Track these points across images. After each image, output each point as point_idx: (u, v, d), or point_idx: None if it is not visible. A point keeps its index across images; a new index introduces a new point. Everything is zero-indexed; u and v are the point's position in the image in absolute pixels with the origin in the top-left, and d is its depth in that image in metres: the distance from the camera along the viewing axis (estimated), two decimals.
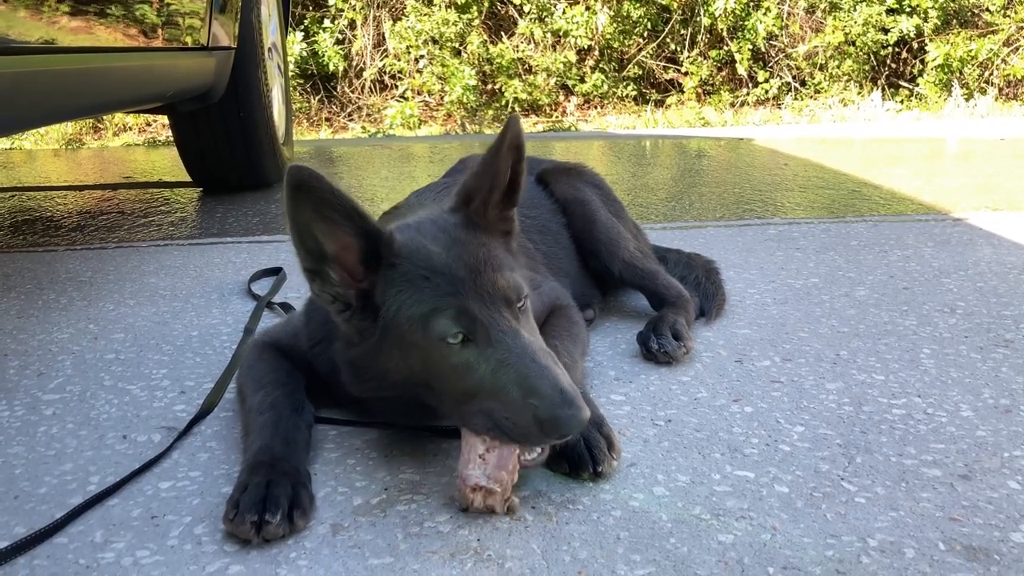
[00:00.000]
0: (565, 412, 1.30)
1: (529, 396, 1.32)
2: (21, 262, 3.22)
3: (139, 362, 2.13)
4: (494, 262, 1.45)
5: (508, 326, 1.39)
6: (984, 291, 2.55)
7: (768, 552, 1.27)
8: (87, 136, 9.06)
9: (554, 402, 1.30)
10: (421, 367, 1.44)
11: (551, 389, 1.31)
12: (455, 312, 1.38)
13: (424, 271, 1.41)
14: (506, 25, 10.64)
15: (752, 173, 5.33)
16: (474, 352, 1.38)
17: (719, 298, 2.41)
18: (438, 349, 1.39)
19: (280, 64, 5.37)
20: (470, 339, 1.38)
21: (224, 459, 1.60)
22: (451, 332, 1.37)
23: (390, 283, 1.43)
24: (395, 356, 1.45)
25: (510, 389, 1.34)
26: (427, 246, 1.45)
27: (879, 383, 1.89)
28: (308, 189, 1.37)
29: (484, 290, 1.40)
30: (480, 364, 1.37)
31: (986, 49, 9.88)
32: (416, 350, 1.42)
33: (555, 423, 1.30)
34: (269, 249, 3.38)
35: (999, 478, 1.47)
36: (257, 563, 1.27)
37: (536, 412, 1.31)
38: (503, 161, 1.51)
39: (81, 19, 2.79)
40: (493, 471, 1.35)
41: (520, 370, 1.34)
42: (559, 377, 1.34)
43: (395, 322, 1.42)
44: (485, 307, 1.39)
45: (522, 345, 1.37)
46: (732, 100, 10.31)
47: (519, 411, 1.33)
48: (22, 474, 1.56)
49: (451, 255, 1.43)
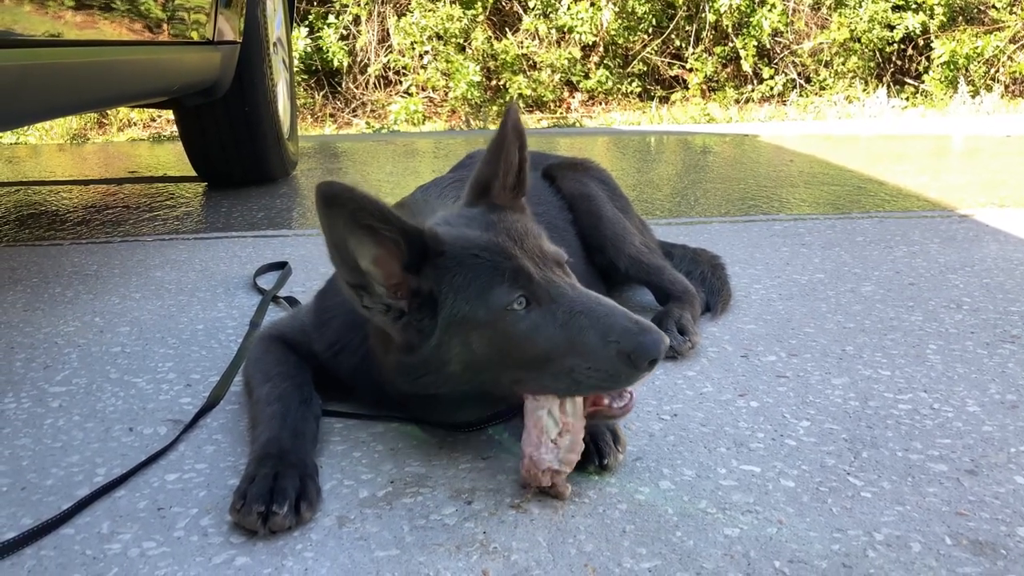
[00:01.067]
0: (649, 338, 1.32)
1: (608, 335, 1.34)
2: (27, 256, 3.23)
3: (145, 355, 2.13)
4: (533, 231, 1.49)
5: (564, 282, 1.42)
6: (990, 287, 2.54)
7: (774, 546, 1.27)
8: (92, 131, 9.07)
9: (634, 332, 1.33)
10: (487, 347, 1.41)
11: (626, 322, 1.34)
12: (512, 276, 1.39)
13: (472, 251, 1.42)
14: (510, 21, 10.62)
15: (757, 169, 5.32)
16: (539, 314, 1.39)
17: (725, 293, 2.40)
18: (503, 320, 1.39)
19: (285, 59, 5.37)
20: (531, 302, 1.39)
21: (230, 451, 1.60)
22: (513, 298, 1.38)
23: (442, 272, 1.42)
24: (456, 346, 1.42)
25: (587, 336, 1.35)
26: (468, 232, 1.46)
27: (885, 378, 1.88)
28: (341, 203, 1.33)
29: (533, 254, 1.43)
30: (548, 323, 1.38)
31: (992, 46, 9.84)
32: (481, 330, 1.40)
33: (643, 350, 1.32)
34: (274, 243, 3.38)
35: (1006, 473, 1.46)
36: (263, 555, 1.27)
37: (620, 348, 1.32)
38: (511, 144, 1.54)
39: (88, 13, 2.79)
40: (565, 455, 1.37)
41: (590, 316, 1.37)
42: (627, 313, 1.37)
43: (456, 308, 1.41)
44: (538, 268, 1.41)
45: (583, 295, 1.40)
46: (737, 97, 10.28)
47: (602, 355, 1.34)
48: (29, 466, 1.56)
49: (492, 232, 1.45)
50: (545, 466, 1.36)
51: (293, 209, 4.21)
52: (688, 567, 1.22)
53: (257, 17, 4.50)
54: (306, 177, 5.33)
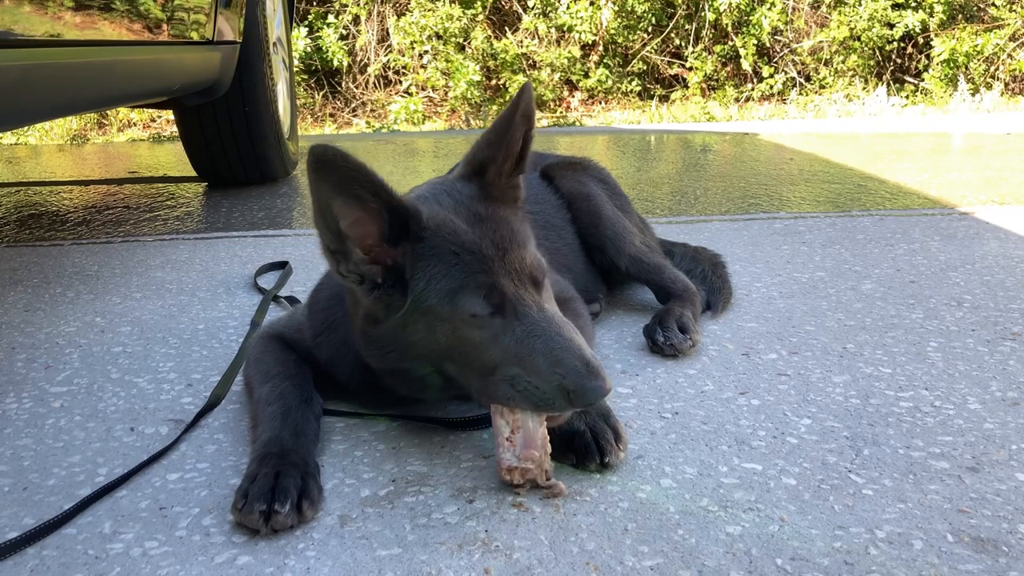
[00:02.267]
0: (591, 383, 1.33)
1: (556, 367, 1.35)
2: (27, 256, 3.23)
3: (146, 355, 2.13)
4: (519, 239, 1.47)
5: (534, 301, 1.42)
6: (991, 284, 2.54)
7: (776, 543, 1.27)
8: (92, 132, 9.07)
9: (580, 373, 1.34)
10: (447, 340, 1.44)
11: (577, 360, 1.35)
12: (486, 290, 1.40)
13: (453, 247, 1.42)
14: (510, 20, 10.63)
15: (757, 167, 5.32)
16: (501, 325, 1.40)
17: (725, 292, 2.40)
18: (465, 323, 1.41)
19: (285, 58, 5.37)
20: (497, 313, 1.40)
21: (231, 451, 1.60)
22: (479, 307, 1.40)
23: (419, 257, 1.43)
24: (421, 330, 1.46)
25: (537, 359, 1.37)
26: (453, 221, 1.45)
27: (886, 376, 1.88)
28: (332, 168, 1.36)
29: (512, 267, 1.43)
30: (506, 336, 1.39)
31: (992, 44, 9.84)
32: (443, 324, 1.43)
33: (581, 392, 1.33)
34: (275, 243, 3.38)
35: (1007, 470, 1.47)
36: (265, 554, 1.27)
37: (562, 382, 1.34)
38: (517, 129, 1.51)
39: (88, 13, 2.79)
40: (522, 451, 1.38)
41: (547, 342, 1.37)
42: (583, 349, 1.37)
43: (424, 296, 1.43)
44: (513, 284, 1.41)
45: (548, 319, 1.40)
46: (737, 95, 10.28)
47: (545, 380, 1.35)
48: (31, 466, 1.56)
49: (478, 232, 1.44)
50: (505, 465, 1.38)
51: (293, 209, 4.21)
52: (690, 565, 1.22)
53: (257, 17, 4.50)
54: (306, 177, 5.31)
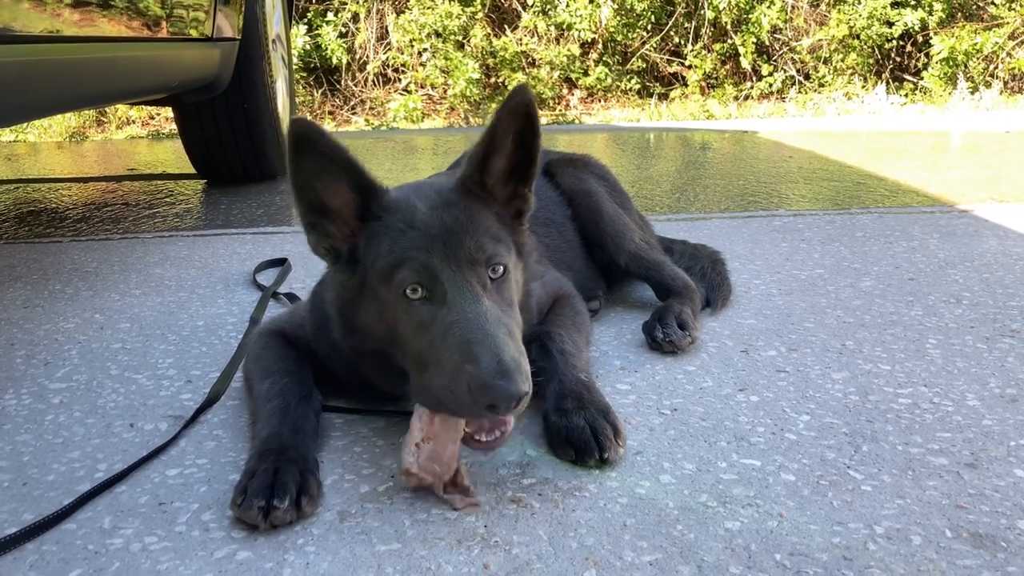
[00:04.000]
0: (496, 381, 1.24)
1: (467, 361, 1.28)
2: (26, 253, 3.23)
3: (145, 351, 2.13)
4: (474, 226, 1.43)
5: (469, 290, 1.37)
6: (990, 282, 2.54)
7: (775, 539, 1.27)
8: (91, 129, 9.06)
9: (488, 369, 1.25)
10: (388, 325, 1.44)
11: (489, 356, 1.27)
12: (418, 264, 1.38)
13: (403, 225, 1.42)
14: (509, 18, 10.62)
15: (757, 165, 5.32)
16: (430, 311, 1.38)
17: (725, 289, 2.41)
18: (400, 303, 1.40)
19: (284, 56, 5.36)
20: (428, 297, 1.38)
21: (231, 447, 1.60)
22: (410, 283, 1.37)
23: (372, 235, 1.44)
24: (371, 311, 1.46)
25: (451, 353, 1.31)
26: (414, 203, 1.45)
27: (885, 373, 1.89)
28: (310, 142, 1.39)
29: (453, 250, 1.39)
30: (433, 325, 1.36)
31: (991, 42, 9.84)
32: (384, 304, 1.43)
33: (484, 390, 1.25)
34: (274, 240, 3.38)
35: (1005, 466, 1.47)
36: (265, 549, 1.27)
37: (469, 378, 1.27)
38: (503, 125, 1.47)
39: (87, 10, 2.79)
40: (425, 462, 1.36)
41: (464, 334, 1.31)
42: (502, 346, 1.29)
43: (368, 272, 1.44)
44: (449, 267, 1.38)
45: (476, 311, 1.34)
46: (736, 94, 10.28)
47: (456, 377, 1.29)
48: (30, 461, 1.56)
49: (433, 214, 1.43)
50: (404, 466, 1.37)
51: (292, 206, 4.19)
52: (689, 560, 1.23)
53: (256, 14, 4.49)
54: None
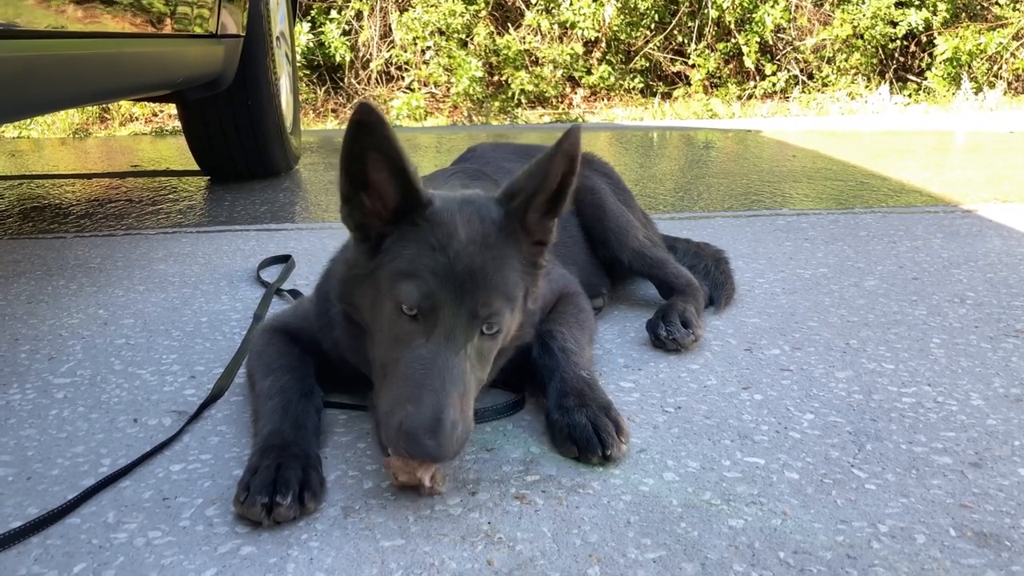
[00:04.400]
0: (423, 437, 1.26)
1: (411, 401, 1.29)
2: (30, 248, 3.23)
3: (149, 347, 2.13)
4: (495, 280, 1.41)
5: (454, 338, 1.36)
6: (994, 282, 2.54)
7: (779, 537, 1.27)
8: (94, 126, 9.07)
9: (422, 422, 1.26)
10: (375, 316, 1.45)
11: (431, 410, 1.27)
12: (426, 290, 1.37)
13: (436, 244, 1.40)
14: (513, 16, 10.62)
15: (760, 164, 5.31)
16: (411, 332, 1.37)
17: (728, 287, 2.40)
18: (392, 307, 1.40)
19: (288, 53, 5.37)
20: (416, 319, 1.38)
21: (235, 442, 1.60)
22: (410, 300, 1.37)
23: (404, 236, 1.44)
24: (368, 295, 1.47)
25: (404, 384, 1.32)
26: (455, 228, 1.42)
27: (889, 372, 1.88)
28: (370, 130, 1.38)
29: (464, 297, 1.37)
30: (407, 346, 1.36)
31: (995, 43, 9.84)
32: (380, 297, 1.43)
33: (409, 438, 1.26)
34: (278, 237, 3.38)
35: (1010, 466, 1.47)
36: (268, 544, 1.27)
37: (404, 418, 1.28)
38: (556, 166, 1.45)
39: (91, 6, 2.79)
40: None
41: (423, 376, 1.32)
42: (447, 407, 1.29)
43: (384, 265, 1.44)
44: (452, 309, 1.36)
45: (447, 360, 1.34)
46: (739, 93, 10.28)
47: (394, 409, 1.31)
48: (34, 456, 1.56)
49: (468, 249, 1.40)
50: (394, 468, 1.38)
51: (296, 203, 4.21)
52: (693, 558, 1.23)
53: (260, 11, 4.50)
54: (309, 171, 5.33)
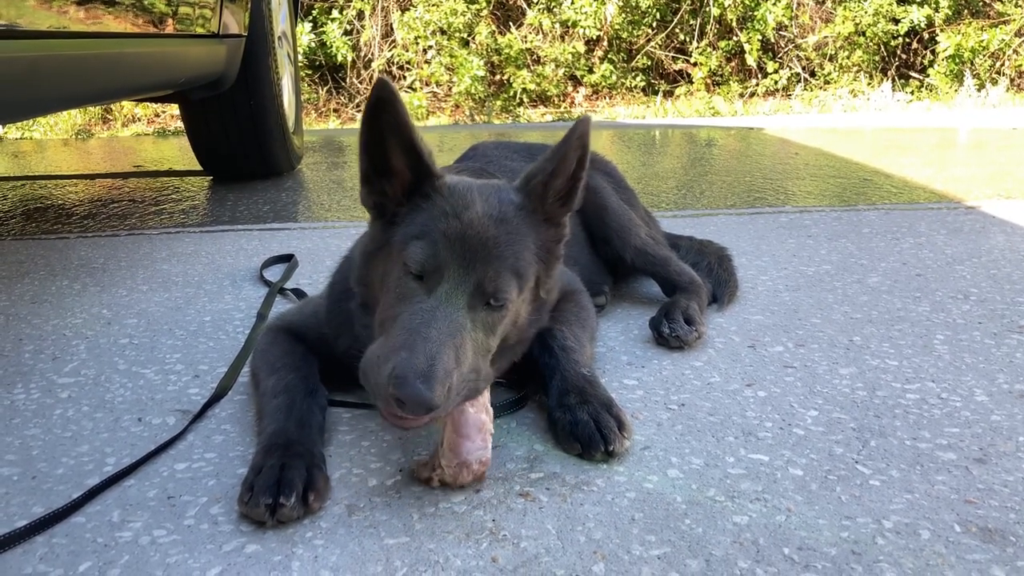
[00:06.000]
0: (414, 380, 1.21)
1: (404, 348, 1.26)
2: (34, 249, 3.24)
3: (153, 346, 2.14)
4: (507, 255, 1.42)
5: (457, 299, 1.36)
6: (998, 278, 2.53)
7: (783, 533, 1.27)
8: (96, 126, 9.08)
9: (415, 366, 1.23)
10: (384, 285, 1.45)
11: (424, 357, 1.25)
12: (434, 250, 1.38)
13: (450, 211, 1.42)
14: (514, 15, 10.62)
15: (763, 162, 5.31)
16: (414, 290, 1.37)
17: (731, 285, 2.40)
18: (398, 268, 1.41)
19: (290, 53, 5.37)
20: (421, 278, 1.38)
21: (239, 441, 1.60)
22: (417, 259, 1.38)
23: (416, 208, 1.46)
24: (379, 270, 1.48)
25: (402, 333, 1.30)
26: (472, 199, 1.45)
27: (893, 368, 1.88)
28: (385, 107, 1.42)
29: (472, 267, 1.38)
30: (408, 302, 1.36)
31: (998, 39, 9.82)
32: (389, 265, 1.44)
33: (400, 382, 1.22)
34: (280, 236, 3.38)
35: (1015, 461, 1.46)
36: (273, 542, 1.27)
37: (396, 363, 1.24)
38: (571, 150, 1.49)
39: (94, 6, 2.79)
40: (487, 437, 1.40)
41: (421, 326, 1.30)
42: (442, 357, 1.26)
43: (396, 233, 1.46)
44: (458, 273, 1.37)
45: (448, 316, 1.33)
46: (741, 91, 10.27)
47: (388, 356, 1.27)
48: (39, 455, 1.57)
49: (483, 221, 1.42)
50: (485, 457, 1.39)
51: (299, 202, 4.21)
52: (697, 554, 1.23)
53: (262, 11, 4.50)
54: (311, 171, 5.33)
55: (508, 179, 1.75)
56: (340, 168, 5.53)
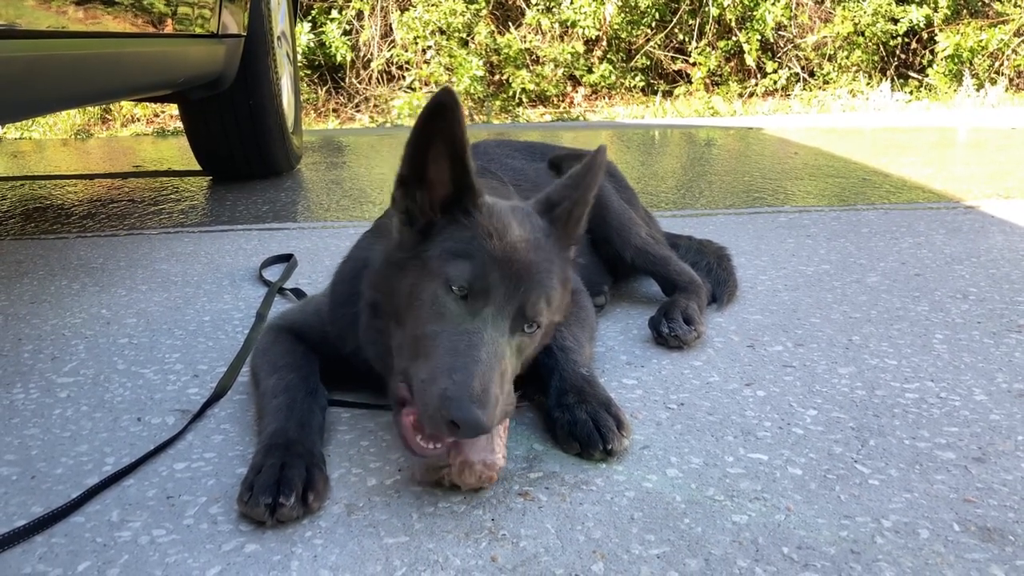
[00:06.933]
0: (469, 405, 1.22)
1: (455, 371, 1.26)
2: (33, 249, 3.24)
3: (152, 346, 2.13)
4: (547, 283, 1.43)
5: (501, 324, 1.36)
6: (996, 277, 2.54)
7: (782, 532, 1.27)
8: (95, 126, 9.08)
9: (471, 390, 1.23)
10: (414, 298, 1.40)
11: (479, 382, 1.25)
12: (481, 273, 1.36)
13: (493, 232, 1.40)
14: (513, 15, 10.61)
15: (762, 162, 5.31)
16: (459, 309, 1.35)
17: (731, 284, 2.40)
18: (438, 286, 1.37)
19: (289, 52, 5.37)
20: (465, 300, 1.36)
21: (238, 441, 1.60)
22: (462, 280, 1.36)
23: (455, 222, 1.43)
24: (406, 280, 1.43)
25: (450, 356, 1.29)
26: (510, 220, 1.44)
27: (892, 368, 1.88)
28: (444, 114, 1.40)
29: (517, 291, 1.38)
30: (453, 322, 1.34)
31: (997, 39, 9.82)
32: (422, 279, 1.40)
33: (457, 405, 1.22)
34: (280, 236, 3.38)
35: (1013, 461, 1.46)
36: (273, 542, 1.27)
37: (449, 387, 1.24)
38: (593, 178, 1.50)
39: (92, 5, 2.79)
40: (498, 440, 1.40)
41: (472, 350, 1.30)
42: (494, 383, 1.28)
43: (431, 247, 1.42)
44: (504, 297, 1.37)
45: (495, 341, 1.33)
46: (740, 91, 10.27)
47: (436, 380, 1.26)
48: (38, 455, 1.57)
49: (525, 246, 1.41)
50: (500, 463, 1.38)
51: (298, 202, 4.21)
52: (696, 554, 1.23)
53: (261, 11, 4.50)
54: (310, 171, 5.33)
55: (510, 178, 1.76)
56: (339, 168, 5.53)
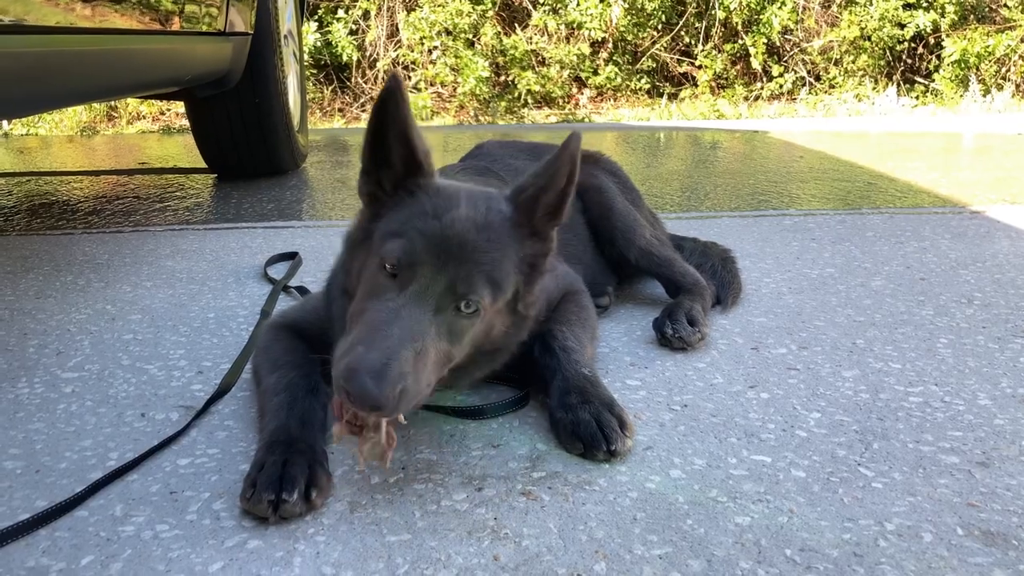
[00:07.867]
0: (364, 376, 1.21)
1: (361, 343, 1.27)
2: (39, 245, 3.24)
3: (156, 343, 2.14)
4: (484, 260, 1.40)
5: (425, 301, 1.35)
6: (1002, 282, 2.53)
7: (785, 534, 1.27)
8: (101, 123, 9.10)
9: (369, 363, 1.23)
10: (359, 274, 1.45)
11: (379, 355, 1.24)
12: (412, 251, 1.36)
13: (431, 211, 1.41)
14: (520, 17, 10.62)
15: (767, 165, 5.31)
16: (385, 287, 1.37)
17: (735, 286, 2.40)
18: (375, 266, 1.40)
19: (296, 51, 5.38)
20: (395, 277, 1.37)
21: (242, 437, 1.61)
22: (392, 257, 1.36)
23: (400, 203, 1.46)
24: (360, 259, 1.47)
25: (363, 329, 1.31)
26: (457, 202, 1.44)
27: (896, 371, 1.88)
28: (392, 103, 1.43)
29: (448, 267, 1.37)
30: (378, 300, 1.35)
31: (1004, 45, 9.80)
32: (368, 259, 1.43)
33: (351, 375, 1.22)
34: (285, 234, 3.39)
35: (1017, 465, 1.46)
36: (275, 538, 1.28)
37: (352, 357, 1.25)
38: (562, 165, 1.48)
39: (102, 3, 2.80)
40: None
41: (383, 326, 1.30)
42: (398, 358, 1.26)
43: (378, 228, 1.46)
44: (430, 274, 1.36)
45: (413, 317, 1.32)
46: (746, 94, 10.26)
47: (348, 350, 1.28)
48: (43, 449, 1.57)
49: (464, 223, 1.41)
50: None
51: (303, 201, 4.22)
52: (699, 555, 1.23)
53: (268, 9, 4.51)
54: (316, 170, 5.34)
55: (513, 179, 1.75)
56: (344, 167, 5.53)
